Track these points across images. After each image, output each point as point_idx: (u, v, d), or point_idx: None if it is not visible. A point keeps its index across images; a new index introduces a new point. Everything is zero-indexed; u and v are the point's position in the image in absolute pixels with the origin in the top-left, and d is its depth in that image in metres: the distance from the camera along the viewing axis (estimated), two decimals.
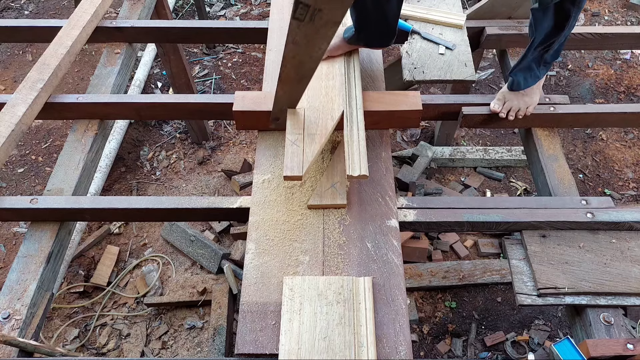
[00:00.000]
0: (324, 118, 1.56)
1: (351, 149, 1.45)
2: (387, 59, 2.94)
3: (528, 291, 1.43)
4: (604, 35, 2.20)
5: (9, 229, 2.53)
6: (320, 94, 1.63)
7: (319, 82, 1.66)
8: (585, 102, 3.16)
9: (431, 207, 1.55)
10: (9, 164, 2.82)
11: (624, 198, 2.72)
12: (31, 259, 1.52)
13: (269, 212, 1.44)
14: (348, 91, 1.64)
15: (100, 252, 2.40)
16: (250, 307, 1.25)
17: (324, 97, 1.62)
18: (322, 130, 1.52)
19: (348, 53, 1.78)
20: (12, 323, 1.39)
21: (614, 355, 1.27)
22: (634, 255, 1.48)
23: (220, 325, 2.06)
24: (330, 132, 1.52)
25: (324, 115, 1.57)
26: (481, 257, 2.44)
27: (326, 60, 1.75)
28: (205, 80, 3.45)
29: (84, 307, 2.25)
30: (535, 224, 1.52)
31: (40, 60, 1.91)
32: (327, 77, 1.68)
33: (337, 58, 1.76)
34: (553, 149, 1.80)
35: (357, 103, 1.60)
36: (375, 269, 1.31)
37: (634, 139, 2.99)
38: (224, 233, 2.48)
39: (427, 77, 1.98)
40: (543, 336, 2.17)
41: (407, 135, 3.07)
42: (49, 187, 1.69)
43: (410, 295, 2.27)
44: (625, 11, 3.80)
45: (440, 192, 2.63)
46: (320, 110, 1.59)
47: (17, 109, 1.80)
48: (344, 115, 1.56)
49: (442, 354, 2.14)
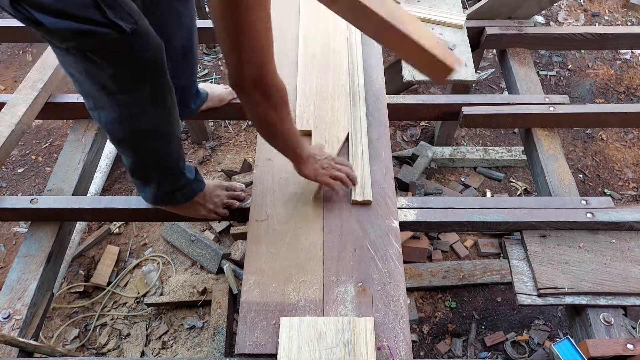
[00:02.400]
0: (330, 141, 1.58)
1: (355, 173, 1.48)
2: (387, 58, 2.94)
3: (528, 291, 1.43)
4: (604, 35, 2.20)
5: (9, 229, 2.53)
6: (327, 115, 1.66)
7: (325, 102, 1.68)
8: (585, 102, 3.16)
9: (431, 207, 1.55)
10: (9, 164, 2.82)
11: (624, 198, 2.72)
12: (31, 259, 1.52)
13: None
14: (353, 112, 1.66)
15: (100, 252, 2.40)
16: (250, 307, 1.25)
17: (330, 117, 1.65)
18: None
19: (351, 62, 1.79)
20: (12, 323, 1.39)
21: (614, 355, 1.27)
22: (634, 255, 1.48)
23: (220, 325, 2.06)
24: (337, 154, 1.55)
25: (330, 138, 1.59)
26: (481, 257, 2.44)
27: (332, 76, 1.75)
28: (205, 80, 3.46)
29: (84, 307, 2.25)
30: (535, 224, 1.52)
31: (40, 60, 1.91)
32: (333, 97, 1.70)
33: (343, 74, 1.76)
34: (553, 149, 1.80)
35: (362, 125, 1.62)
36: (375, 269, 1.31)
37: (634, 139, 2.99)
38: (224, 233, 2.48)
39: (427, 77, 1.98)
40: (543, 336, 2.17)
41: (407, 135, 3.07)
42: (49, 187, 1.69)
43: (410, 295, 2.27)
44: (625, 11, 3.80)
45: (440, 192, 2.63)
46: (327, 131, 1.61)
47: (17, 109, 1.80)
48: (349, 137, 1.60)
49: (442, 354, 2.14)
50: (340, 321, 1.20)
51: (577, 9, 3.82)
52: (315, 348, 1.16)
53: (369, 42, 1.93)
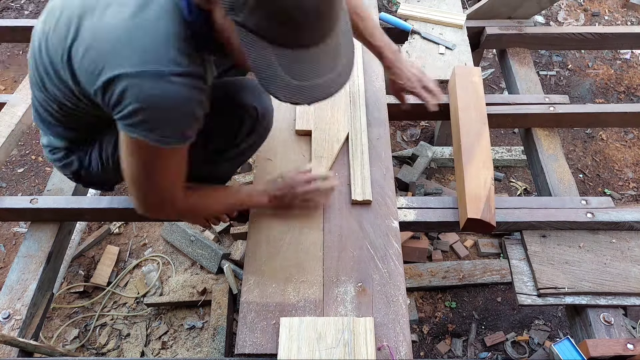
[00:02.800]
0: (330, 140, 1.59)
1: (355, 173, 1.48)
2: None
3: (528, 291, 1.43)
4: (604, 35, 2.21)
5: (9, 229, 2.53)
6: (327, 115, 1.66)
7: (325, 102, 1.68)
8: (585, 102, 3.16)
9: (431, 207, 1.55)
10: (9, 164, 2.82)
11: (624, 198, 2.72)
12: (31, 259, 1.52)
13: (269, 212, 1.44)
14: (353, 112, 1.66)
15: (100, 252, 2.40)
16: (250, 307, 1.25)
17: (330, 117, 1.65)
18: (328, 154, 1.56)
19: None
20: (12, 323, 1.39)
21: (614, 355, 1.27)
22: (634, 255, 1.48)
23: (220, 325, 2.06)
24: (337, 154, 1.56)
25: (330, 138, 1.60)
26: (481, 257, 2.44)
27: None
28: None
29: (83, 307, 2.25)
30: (535, 224, 1.52)
31: None
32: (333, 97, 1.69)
33: None
34: (553, 149, 1.80)
35: (362, 125, 1.62)
36: (375, 269, 1.31)
37: (634, 139, 2.99)
38: (224, 233, 2.48)
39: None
40: (543, 336, 2.17)
41: (407, 135, 3.07)
42: (49, 187, 1.69)
43: (410, 295, 2.27)
44: (625, 11, 3.80)
45: (440, 192, 2.63)
46: (327, 131, 1.61)
47: (17, 109, 1.80)
48: (349, 137, 1.60)
49: (442, 354, 2.14)
50: (340, 321, 1.20)
51: (577, 8, 3.82)
52: (315, 348, 1.16)
53: None
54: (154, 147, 1.02)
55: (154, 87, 0.96)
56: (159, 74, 0.96)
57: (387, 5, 3.54)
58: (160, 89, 0.96)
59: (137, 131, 1.01)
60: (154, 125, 1.00)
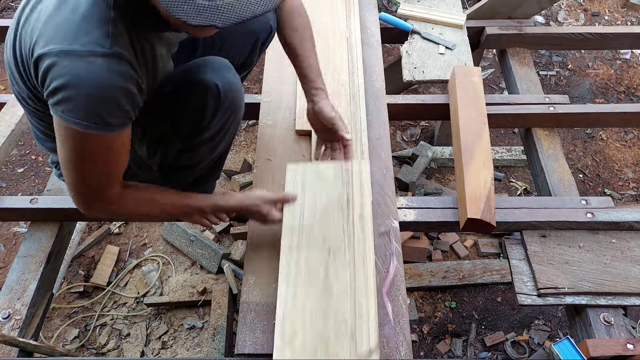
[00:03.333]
0: None
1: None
2: (387, 58, 2.94)
3: (528, 291, 1.43)
4: (604, 35, 2.21)
5: (9, 229, 2.53)
6: None
7: None
8: (585, 102, 3.16)
9: (431, 207, 1.55)
10: (9, 164, 2.81)
11: (624, 198, 2.72)
12: (31, 259, 1.52)
13: None
14: (353, 112, 1.66)
15: (100, 252, 2.40)
16: (250, 307, 1.25)
17: None
18: None
19: (350, 62, 1.79)
20: (12, 323, 1.39)
21: (614, 355, 1.27)
22: (634, 255, 1.48)
23: (220, 325, 2.05)
24: None
25: None
26: (481, 257, 2.44)
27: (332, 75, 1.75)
28: None
29: (83, 307, 2.25)
30: (535, 224, 1.52)
31: None
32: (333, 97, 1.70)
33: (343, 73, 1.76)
34: (553, 149, 1.80)
35: (362, 125, 1.62)
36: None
37: (634, 139, 2.99)
38: (224, 233, 2.48)
39: (427, 77, 1.98)
40: (543, 336, 2.17)
41: (407, 135, 3.07)
42: (49, 187, 1.69)
43: (410, 295, 2.27)
44: (625, 11, 3.80)
45: (440, 192, 2.63)
46: None
47: (17, 109, 1.80)
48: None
49: (442, 354, 2.14)
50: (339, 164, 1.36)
51: (577, 8, 3.82)
52: (317, 184, 1.33)
53: (369, 42, 1.93)
54: (77, 131, 0.98)
55: (73, 66, 0.94)
56: (78, 53, 0.94)
57: (387, 5, 3.54)
58: (78, 69, 0.94)
59: (57, 112, 0.98)
60: (70, 105, 0.96)
